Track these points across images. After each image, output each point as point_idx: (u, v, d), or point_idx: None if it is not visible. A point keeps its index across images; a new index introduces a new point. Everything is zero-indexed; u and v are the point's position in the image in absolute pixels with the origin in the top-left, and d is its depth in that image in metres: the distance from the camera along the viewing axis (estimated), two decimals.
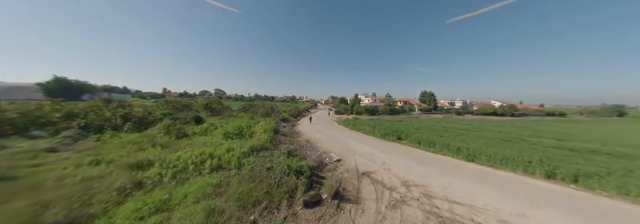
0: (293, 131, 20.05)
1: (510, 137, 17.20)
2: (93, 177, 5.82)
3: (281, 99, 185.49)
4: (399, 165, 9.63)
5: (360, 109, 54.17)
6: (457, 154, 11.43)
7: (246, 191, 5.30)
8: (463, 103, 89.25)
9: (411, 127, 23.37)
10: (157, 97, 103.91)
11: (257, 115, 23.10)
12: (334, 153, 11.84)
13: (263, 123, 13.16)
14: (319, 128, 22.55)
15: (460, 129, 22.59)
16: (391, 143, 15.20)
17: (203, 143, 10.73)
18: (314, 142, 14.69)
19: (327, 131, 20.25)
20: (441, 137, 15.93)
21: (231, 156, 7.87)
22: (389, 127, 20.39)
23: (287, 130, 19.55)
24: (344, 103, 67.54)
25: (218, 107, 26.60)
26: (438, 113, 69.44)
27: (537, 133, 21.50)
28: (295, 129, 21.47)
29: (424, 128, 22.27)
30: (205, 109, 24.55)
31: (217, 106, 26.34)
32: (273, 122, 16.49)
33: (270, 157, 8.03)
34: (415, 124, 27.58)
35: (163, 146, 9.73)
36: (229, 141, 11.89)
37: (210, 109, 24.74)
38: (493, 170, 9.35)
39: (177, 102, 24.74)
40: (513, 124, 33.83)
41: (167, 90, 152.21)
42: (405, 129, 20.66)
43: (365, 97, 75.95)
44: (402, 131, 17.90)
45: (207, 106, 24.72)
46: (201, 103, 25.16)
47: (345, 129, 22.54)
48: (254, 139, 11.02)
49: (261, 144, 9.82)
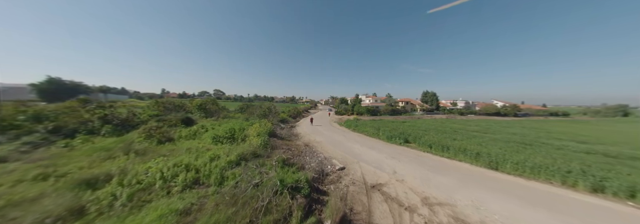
0: (291, 133, 18.66)
1: (528, 140, 15.80)
2: (25, 199, 4.45)
3: (281, 99, 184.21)
4: (413, 175, 8.23)
5: (361, 109, 52.81)
6: (476, 160, 10.04)
7: (222, 220, 3.90)
8: (465, 103, 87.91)
9: (417, 128, 21.98)
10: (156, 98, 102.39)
11: (253, 116, 21.68)
12: (336, 159, 10.44)
13: (256, 126, 11.80)
14: (319, 130, 21.16)
15: (470, 131, 21.22)
16: (398, 146, 13.80)
17: (187, 148, 9.33)
18: (314, 146, 13.29)
19: (327, 133, 18.86)
20: (453, 140, 14.54)
21: (213, 167, 6.47)
22: (394, 129, 19.00)
23: (284, 132, 18.16)
24: (344, 104, 66.16)
25: (213, 107, 25.18)
26: (440, 113, 68.08)
27: (552, 134, 20.13)
28: (293, 131, 20.07)
29: (431, 129, 20.88)
30: (199, 109, 23.14)
31: (211, 107, 24.92)
32: (268, 124, 15.08)
33: (260, 167, 6.63)
34: (420, 125, 26.19)
35: (139, 153, 8.33)
36: (218, 145, 10.50)
37: (204, 110, 23.32)
38: (524, 181, 7.95)
39: (169, 102, 23.34)
40: (522, 125, 32.45)
41: (165, 91, 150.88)
42: (411, 130, 19.26)
43: (365, 97, 74.58)
44: (408, 133, 16.51)
45: (200, 107, 23.30)
46: (195, 104, 23.72)
47: (346, 131, 21.15)
48: (245, 144, 9.62)
49: (253, 150, 8.43)
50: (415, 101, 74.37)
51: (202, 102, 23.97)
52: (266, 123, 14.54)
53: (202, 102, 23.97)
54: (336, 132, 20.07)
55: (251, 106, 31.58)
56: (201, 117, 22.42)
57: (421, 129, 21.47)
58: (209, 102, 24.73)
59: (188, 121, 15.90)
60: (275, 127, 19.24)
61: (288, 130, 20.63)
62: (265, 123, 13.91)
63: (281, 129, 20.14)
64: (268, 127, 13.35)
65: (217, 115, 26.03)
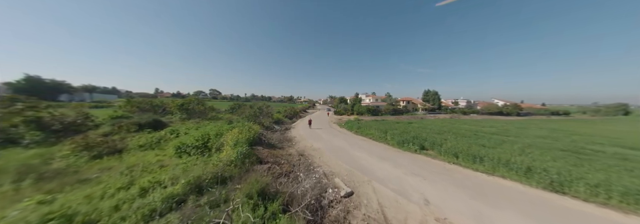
0: (284, 137, 15.95)
1: (568, 146, 13.20)
2: None
3: (278, 99, 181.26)
4: (456, 207, 5.59)
5: (361, 109, 50.24)
6: (526, 177, 7.46)
7: None
8: (467, 103, 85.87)
9: (428, 130, 19.40)
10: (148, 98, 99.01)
11: (242, 117, 18.92)
12: (340, 175, 7.78)
13: (236, 131, 9.10)
14: (318, 133, 18.48)
15: (488, 133, 18.69)
16: (415, 155, 11.17)
17: (129, 166, 6.59)
18: (310, 155, 10.61)
19: (327, 137, 16.20)
20: (481, 146, 11.94)
21: (132, 211, 3.75)
22: (403, 132, 16.36)
23: (276, 137, 15.45)
24: (344, 103, 63.49)
25: (198, 107, 22.34)
26: (442, 112, 65.87)
27: (584, 137, 17.65)
28: (287, 135, 17.36)
29: (445, 132, 18.31)
30: (180, 110, 20.32)
31: (196, 107, 22.09)
32: (255, 128, 12.35)
33: (217, 209, 3.92)
34: (429, 126, 23.64)
35: (44, 178, 5.58)
36: (183, 158, 7.79)
37: (186, 111, 20.51)
38: (623, 216, 5.36)
39: (145, 102, 20.50)
40: (537, 125, 30.05)
41: (159, 90, 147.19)
42: (423, 133, 16.68)
43: (365, 96, 72.03)
44: (423, 137, 13.91)
45: (182, 107, 20.47)
46: (175, 104, 20.87)
47: (348, 134, 18.50)
48: (213, 159, 6.89)
49: (217, 171, 5.71)
50: (416, 100, 72.05)
51: (184, 101, 21.10)
52: (251, 127, 11.78)
53: (184, 101, 21.10)
54: (336, 135, 17.41)
55: (242, 106, 28.81)
56: (183, 118, 19.57)
57: (432, 130, 18.90)
58: (192, 101, 21.87)
59: (156, 124, 13.11)
60: (265, 131, 16.52)
61: (281, 133, 17.93)
62: (248, 127, 11.17)
63: (272, 133, 17.42)
64: (252, 132, 10.60)
65: (203, 116, 23.23)
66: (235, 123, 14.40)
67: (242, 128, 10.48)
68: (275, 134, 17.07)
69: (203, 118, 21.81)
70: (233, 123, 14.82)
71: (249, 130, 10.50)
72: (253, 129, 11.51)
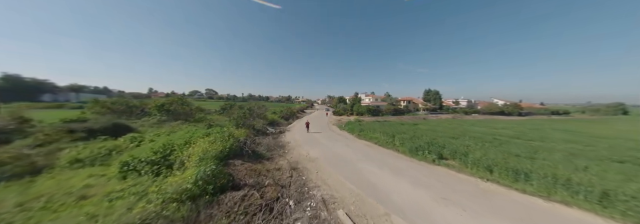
0: (276, 143, 13.74)
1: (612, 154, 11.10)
2: None
3: (276, 99, 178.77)
4: None
5: (361, 109, 48.16)
6: (603, 206, 5.39)
7: None
8: (468, 102, 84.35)
9: (440, 133, 17.34)
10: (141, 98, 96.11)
11: (231, 119, 16.66)
12: (344, 204, 5.62)
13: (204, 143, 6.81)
14: (315, 137, 16.30)
15: (505, 136, 16.67)
16: (434, 167, 9.05)
17: (35, 197, 4.35)
18: (305, 168, 8.44)
19: (326, 142, 14.04)
20: (515, 156, 9.82)
21: None
22: (414, 136, 14.23)
23: (268, 142, 13.23)
24: (343, 103, 61.38)
25: (181, 108, 20.02)
26: (444, 112, 64.15)
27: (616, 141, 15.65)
28: (280, 140, 15.15)
29: (460, 136, 16.22)
30: (159, 111, 17.99)
31: (179, 107, 19.76)
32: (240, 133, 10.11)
33: None
34: (436, 128, 21.62)
35: None
36: (128, 180, 5.59)
37: (167, 112, 18.18)
38: None
39: (119, 103, 18.15)
40: (547, 126, 28.20)
41: (153, 90, 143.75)
42: (435, 137, 14.60)
43: (365, 96, 70.00)
44: (438, 143, 11.80)
45: (161, 108, 18.13)
46: (153, 104, 18.51)
47: (350, 138, 16.36)
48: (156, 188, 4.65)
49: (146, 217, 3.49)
50: (417, 99, 70.23)
51: (164, 102, 18.76)
52: (232, 133, 9.50)
53: (164, 102, 18.76)
54: (337, 140, 15.26)
55: (234, 106, 26.53)
56: (161, 121, 17.23)
57: (444, 134, 16.82)
58: (175, 101, 19.54)
59: (117, 128, 10.79)
60: (256, 135, 14.26)
61: (274, 138, 15.72)
62: (227, 134, 8.91)
63: (264, 137, 15.20)
64: (231, 140, 8.33)
65: (189, 117, 20.92)
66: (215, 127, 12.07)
67: (218, 135, 8.24)
68: (266, 138, 14.86)
69: (189, 120, 19.52)
70: (213, 126, 12.52)
71: (227, 138, 8.25)
72: (234, 135, 9.27)
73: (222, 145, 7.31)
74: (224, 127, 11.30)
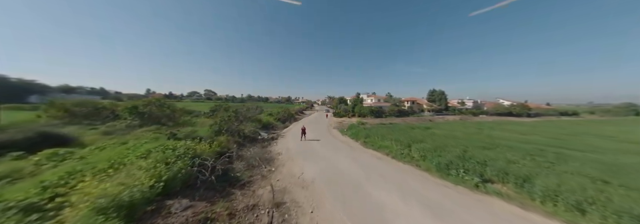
0: (263, 154, 10.97)
1: None
2: None
3: (276, 99, 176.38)
4: None
5: (363, 110, 45.37)
6: None
7: None
8: (474, 103, 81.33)
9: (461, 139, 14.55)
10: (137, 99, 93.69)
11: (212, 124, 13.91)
12: None
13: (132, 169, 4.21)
14: (313, 146, 13.56)
15: (544, 145, 13.82)
16: (481, 197, 6.27)
17: None
18: (295, 202, 5.69)
19: (325, 153, 11.28)
20: (591, 179, 6.99)
21: None
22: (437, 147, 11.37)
23: (252, 154, 10.48)
24: (343, 104, 58.60)
25: (159, 111, 17.32)
26: (450, 113, 61.22)
27: None
28: (269, 150, 12.39)
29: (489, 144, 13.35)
30: (131, 114, 15.31)
31: (157, 110, 17.06)
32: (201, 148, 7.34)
33: None
34: (454, 132, 18.83)
35: None
36: None
37: (140, 115, 15.49)
38: None
39: (87, 104, 15.50)
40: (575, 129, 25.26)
41: (151, 91, 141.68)
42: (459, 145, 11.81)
43: (366, 96, 67.10)
44: (472, 157, 9.02)
45: (133, 110, 15.44)
46: (123, 107, 15.82)
47: (354, 146, 13.60)
48: None
49: None
50: (421, 100, 67.35)
51: (139, 103, 16.06)
52: (189, 151, 6.61)
53: (139, 103, 16.06)
54: (339, 149, 12.49)
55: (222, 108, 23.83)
56: (131, 126, 14.51)
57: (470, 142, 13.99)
58: (151, 103, 16.85)
59: (46, 139, 8.00)
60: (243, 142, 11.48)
61: (262, 147, 12.96)
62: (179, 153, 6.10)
63: (250, 146, 12.46)
64: (178, 165, 5.42)
65: (172, 121, 18.24)
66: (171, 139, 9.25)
67: (163, 155, 5.46)
68: (252, 149, 12.12)
69: (169, 124, 16.83)
70: (176, 136, 9.73)
71: (173, 159, 5.44)
72: (195, 152, 6.49)
73: (157, 173, 4.58)
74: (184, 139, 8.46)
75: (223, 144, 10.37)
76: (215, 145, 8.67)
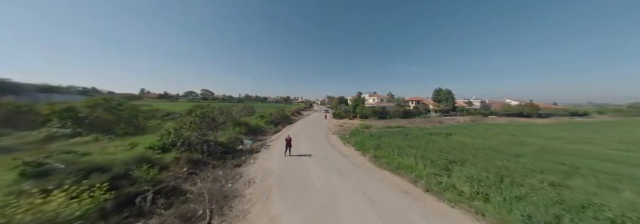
0: (222, 187, 7.06)
1: None
2: None
3: (274, 99, 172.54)
4: None
5: (365, 111, 41.48)
6: None
7: None
8: (481, 103, 77.49)
9: (506, 151, 10.63)
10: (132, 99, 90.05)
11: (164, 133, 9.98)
12: None
13: None
14: (305, 165, 9.64)
15: (620, 161, 9.94)
16: None
17: None
18: None
19: (320, 182, 7.40)
20: None
21: None
22: (491, 169, 7.49)
23: (209, 183, 6.60)
24: (344, 104, 54.68)
25: (112, 114, 13.40)
26: (458, 114, 57.29)
27: None
28: (239, 174, 8.46)
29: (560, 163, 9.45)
30: (62, 119, 11.39)
31: (107, 113, 13.15)
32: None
33: None
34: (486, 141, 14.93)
35: None
36: None
37: (77, 120, 11.58)
38: None
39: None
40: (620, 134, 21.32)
41: (145, 91, 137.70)
42: (523, 169, 7.96)
43: (368, 96, 63.17)
44: (575, 199, 5.19)
45: (66, 114, 11.49)
46: (48, 110, 11.77)
47: (363, 163, 9.67)
48: None
49: None
50: (426, 100, 63.45)
51: (79, 105, 12.11)
52: None
53: (79, 105, 12.11)
54: (341, 172, 8.52)
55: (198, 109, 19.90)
56: (67, 134, 10.62)
57: (525, 158, 10.08)
58: (99, 103, 12.96)
59: None
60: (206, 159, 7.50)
61: (231, 168, 9.03)
62: None
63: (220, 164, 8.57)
64: None
65: (133, 126, 14.35)
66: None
67: None
68: (216, 170, 8.25)
69: (128, 132, 12.94)
70: (43, 167, 5.80)
71: None
72: None
73: None
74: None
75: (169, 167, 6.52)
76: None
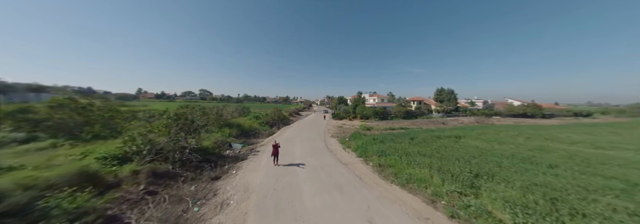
0: (176, 221, 5.44)
1: None
2: None
3: (273, 99, 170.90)
4: None
5: (366, 111, 39.82)
6: None
7: None
8: (484, 103, 75.93)
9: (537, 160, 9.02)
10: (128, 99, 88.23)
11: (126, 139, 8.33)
12: None
13: None
14: (297, 178, 8.05)
15: None
16: None
17: None
18: None
19: (313, 205, 5.79)
20: None
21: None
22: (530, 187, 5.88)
23: (153, 216, 5.00)
24: (343, 104, 53.04)
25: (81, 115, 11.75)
26: (460, 114, 55.69)
27: None
28: (213, 191, 6.83)
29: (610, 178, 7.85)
30: (16, 122, 9.76)
31: (74, 114, 11.50)
32: None
33: None
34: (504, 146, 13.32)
35: None
36: None
37: (32, 123, 9.94)
38: None
39: None
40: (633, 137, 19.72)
41: (142, 90, 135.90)
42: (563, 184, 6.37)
43: (369, 96, 61.50)
44: None
45: (16, 116, 9.82)
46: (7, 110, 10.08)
47: (365, 174, 8.07)
48: None
49: None
50: (428, 100, 61.81)
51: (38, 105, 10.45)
52: None
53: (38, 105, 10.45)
54: (341, 188, 6.85)
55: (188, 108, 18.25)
56: (19, 139, 8.97)
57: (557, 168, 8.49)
58: (64, 104, 11.29)
59: None
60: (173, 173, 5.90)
61: (209, 181, 7.40)
62: None
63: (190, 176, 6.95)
64: None
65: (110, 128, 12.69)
66: None
67: None
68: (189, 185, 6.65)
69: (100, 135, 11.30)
70: None
71: None
72: None
73: None
74: None
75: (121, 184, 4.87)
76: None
